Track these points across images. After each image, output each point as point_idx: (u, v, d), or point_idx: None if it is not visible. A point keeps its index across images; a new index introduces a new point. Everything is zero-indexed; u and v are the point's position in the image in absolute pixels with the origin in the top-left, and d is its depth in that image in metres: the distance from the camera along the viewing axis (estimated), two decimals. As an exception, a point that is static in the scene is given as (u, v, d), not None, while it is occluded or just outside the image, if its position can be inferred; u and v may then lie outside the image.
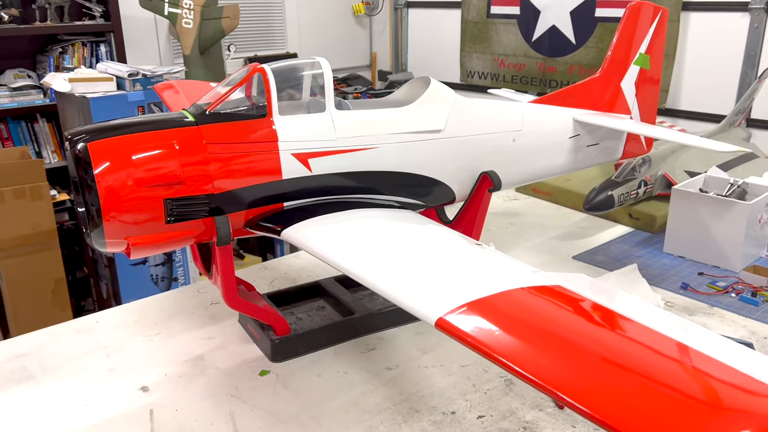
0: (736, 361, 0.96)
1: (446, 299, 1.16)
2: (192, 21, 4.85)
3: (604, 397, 0.89)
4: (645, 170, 2.70)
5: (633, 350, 1.02)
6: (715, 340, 1.06)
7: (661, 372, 0.95)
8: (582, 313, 1.15)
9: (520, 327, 1.09)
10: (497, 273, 1.35)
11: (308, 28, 6.30)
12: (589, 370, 0.95)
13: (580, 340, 1.05)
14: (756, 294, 2.11)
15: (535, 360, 0.97)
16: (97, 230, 1.51)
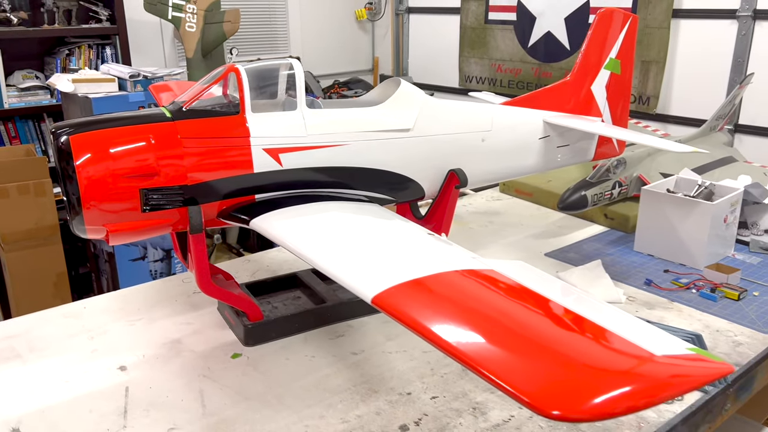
0: (635, 335, 1.05)
1: (384, 279, 1.26)
2: (195, 25, 5.00)
3: (506, 362, 0.98)
4: (620, 172, 2.79)
5: (538, 322, 1.12)
6: (622, 317, 1.15)
7: (559, 340, 1.05)
8: (501, 292, 1.25)
9: (445, 303, 1.19)
10: (437, 258, 1.44)
11: (311, 33, 6.44)
12: (496, 339, 1.05)
13: (494, 314, 1.15)
14: (715, 290, 2.19)
15: (451, 331, 1.07)
16: (77, 218, 1.62)
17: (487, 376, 0.94)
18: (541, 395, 0.89)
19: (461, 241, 2.69)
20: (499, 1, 5.51)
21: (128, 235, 1.70)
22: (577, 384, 0.92)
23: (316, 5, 6.42)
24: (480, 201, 3.25)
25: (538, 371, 0.96)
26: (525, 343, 1.04)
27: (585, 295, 1.25)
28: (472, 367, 0.97)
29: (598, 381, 0.92)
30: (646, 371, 0.96)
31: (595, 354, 1.01)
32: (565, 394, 0.90)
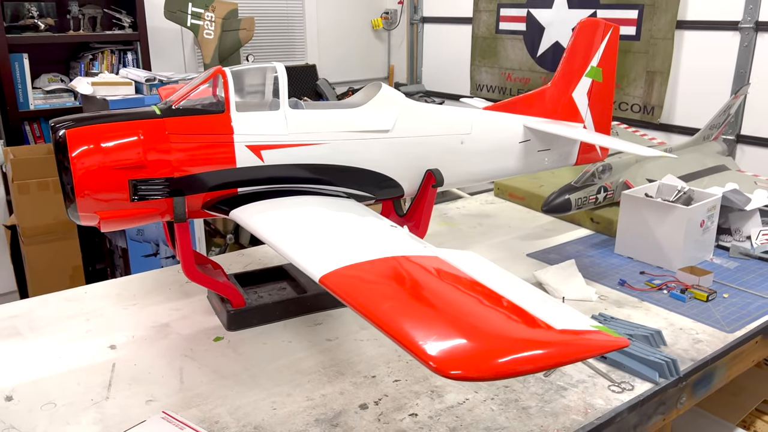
0: (544, 312, 1.16)
1: (334, 261, 1.38)
2: (213, 32, 5.19)
3: (417, 328, 1.10)
4: (606, 177, 2.87)
5: (456, 297, 1.23)
6: (541, 299, 1.26)
7: (470, 313, 1.16)
8: (433, 273, 1.36)
9: (380, 281, 1.31)
10: (388, 245, 1.55)
11: (328, 41, 6.60)
12: (413, 310, 1.16)
13: (417, 289, 1.26)
14: (685, 291, 2.26)
15: (376, 303, 1.19)
16: (72, 205, 1.77)
17: (398, 339, 1.05)
18: (443, 357, 1.00)
19: (448, 240, 2.83)
20: (510, 11, 5.60)
21: (118, 222, 1.84)
22: (479, 348, 1.03)
23: (333, 14, 6.58)
24: (474, 204, 3.35)
25: (443, 336, 1.07)
26: (438, 314, 1.15)
27: (513, 280, 1.35)
28: (386, 331, 1.09)
29: (499, 346, 1.03)
30: (543, 338, 1.06)
31: (500, 324, 1.12)
32: (466, 356, 1.00)
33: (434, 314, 1.15)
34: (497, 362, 0.98)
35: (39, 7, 4.87)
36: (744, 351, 2.08)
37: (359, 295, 1.22)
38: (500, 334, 1.07)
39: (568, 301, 2.24)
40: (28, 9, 4.81)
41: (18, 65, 4.72)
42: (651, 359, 1.79)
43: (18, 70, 4.72)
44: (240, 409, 1.64)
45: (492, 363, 0.98)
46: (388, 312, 1.15)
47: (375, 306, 1.18)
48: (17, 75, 4.73)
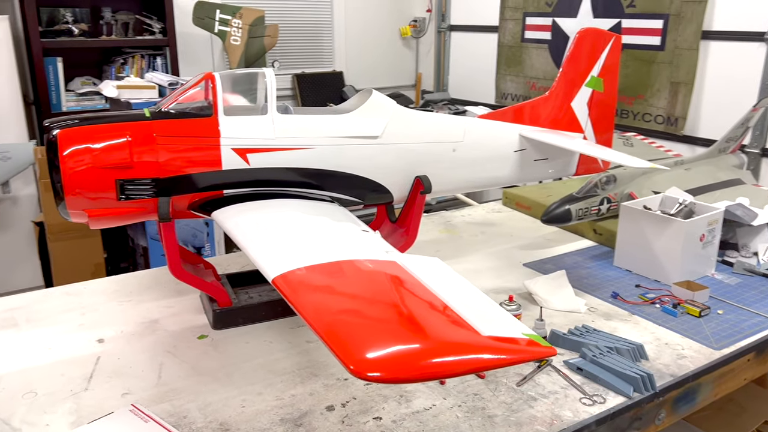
0: (479, 318, 1.17)
1: (290, 263, 1.41)
2: (239, 39, 5.31)
3: (342, 329, 1.12)
4: (610, 188, 2.83)
5: (392, 299, 1.25)
6: (484, 306, 1.26)
7: (404, 316, 1.17)
8: (383, 277, 1.37)
9: (328, 283, 1.33)
10: (350, 249, 1.57)
11: (356, 48, 6.67)
12: (346, 312, 1.18)
13: (360, 292, 1.28)
14: (677, 306, 2.21)
15: (315, 304, 1.21)
16: (62, 203, 1.85)
17: (325, 341, 1.07)
18: (361, 360, 1.02)
19: (446, 247, 2.83)
20: (535, 20, 5.57)
21: (106, 220, 1.91)
22: (400, 352, 1.04)
23: (362, 22, 6.65)
24: (479, 212, 3.34)
25: (367, 339, 1.08)
26: (366, 316, 1.16)
27: (465, 287, 1.36)
28: (316, 333, 1.11)
29: (420, 349, 1.04)
30: (466, 342, 1.07)
31: (426, 328, 1.13)
32: (384, 359, 1.02)
33: (365, 319, 1.17)
34: (416, 365, 0.99)
35: (74, 12, 5.07)
36: (734, 369, 2.02)
37: (301, 296, 1.25)
38: (423, 338, 1.09)
39: (555, 311, 2.22)
40: (63, 14, 5.00)
41: (52, 68, 4.91)
42: (626, 373, 1.77)
43: (52, 73, 4.91)
44: (210, 406, 1.68)
45: (410, 365, 0.99)
46: (320, 314, 1.17)
47: (311, 307, 1.20)
48: (51, 78, 4.92)
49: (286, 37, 6.22)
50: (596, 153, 2.39)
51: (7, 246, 4.75)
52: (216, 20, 5.26)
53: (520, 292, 2.36)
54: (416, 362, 1.01)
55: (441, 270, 1.47)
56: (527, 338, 1.12)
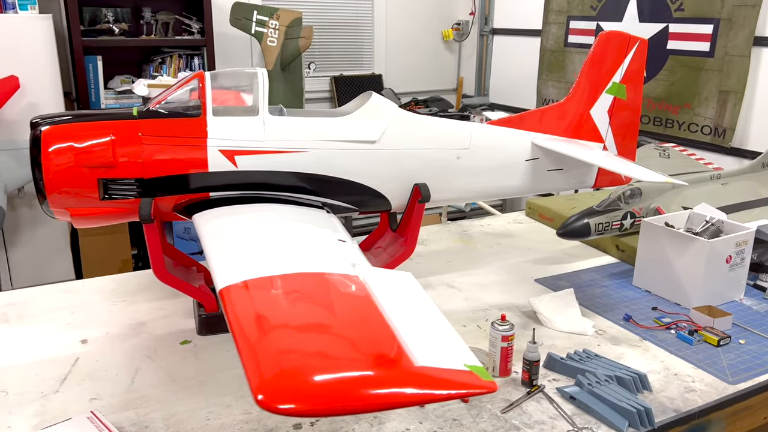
0: (423, 346, 1.06)
1: (243, 273, 1.33)
2: (276, 40, 5.30)
3: (262, 352, 1.03)
4: (635, 202, 2.65)
5: (331, 322, 1.15)
6: (438, 330, 1.15)
7: (332, 340, 1.07)
8: (331, 296, 1.27)
9: (269, 301, 1.24)
10: (315, 260, 1.48)
11: (396, 51, 6.58)
12: (276, 333, 1.09)
13: (299, 311, 1.19)
14: (694, 333, 2.04)
15: (249, 319, 1.13)
16: (44, 201, 1.82)
17: (244, 367, 0.99)
18: (268, 385, 0.93)
19: (457, 259, 2.71)
20: (579, 24, 5.36)
21: (89, 219, 1.88)
22: (317, 385, 0.95)
23: (403, 24, 6.56)
24: (500, 223, 3.20)
25: (284, 368, 0.99)
26: (293, 342, 1.07)
27: (423, 309, 1.25)
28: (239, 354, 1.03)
29: (339, 383, 0.94)
30: (392, 376, 0.97)
31: (353, 358, 1.03)
32: (293, 392, 0.93)
33: (291, 345, 1.08)
34: (330, 400, 0.90)
35: (115, 12, 5.15)
36: (752, 405, 1.84)
37: (238, 313, 1.17)
38: (345, 367, 0.99)
39: (560, 332, 2.08)
40: (105, 14, 5.09)
41: (92, 66, 5.00)
42: (622, 405, 1.62)
43: (92, 71, 5.00)
44: (175, 416, 1.62)
45: (325, 400, 0.90)
46: (246, 337, 1.09)
47: (241, 327, 1.12)
48: (91, 76, 5.01)
49: (324, 38, 6.19)
50: (609, 165, 2.22)
51: (44, 240, 4.85)
52: (253, 21, 5.25)
53: (524, 310, 2.23)
54: (331, 397, 0.91)
55: (407, 288, 1.37)
56: (468, 370, 1.01)
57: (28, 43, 4.56)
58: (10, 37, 4.48)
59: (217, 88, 1.97)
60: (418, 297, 1.32)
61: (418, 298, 1.31)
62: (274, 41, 5.32)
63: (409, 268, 2.55)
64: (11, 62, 4.46)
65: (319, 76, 6.24)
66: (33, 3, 4.63)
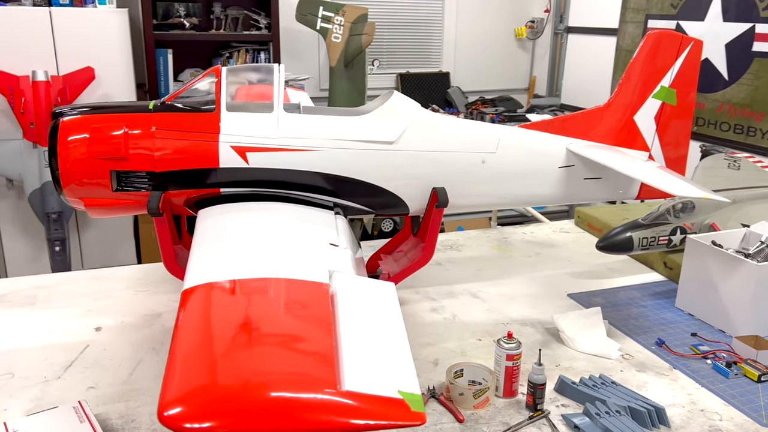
0: (364, 368, 0.98)
1: (214, 274, 1.30)
2: (341, 36, 5.29)
3: (193, 364, 0.98)
4: (685, 216, 2.45)
5: (270, 338, 1.09)
6: (389, 351, 1.06)
7: (262, 357, 1.01)
8: (282, 306, 1.21)
9: (222, 306, 1.20)
10: (290, 265, 1.42)
11: (466, 49, 6.44)
12: (210, 343, 1.04)
13: (243, 324, 1.13)
14: (732, 365, 1.84)
15: (192, 328, 1.09)
16: (60, 190, 1.86)
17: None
18: (179, 398, 0.88)
19: (489, 267, 2.59)
20: (658, 23, 5.05)
21: (102, 210, 1.91)
22: (230, 402, 0.89)
23: (474, 21, 6.41)
24: (545, 231, 3.05)
25: (204, 377, 0.94)
26: (221, 357, 1.03)
27: (386, 327, 1.16)
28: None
29: (250, 403, 0.88)
30: (305, 399, 0.90)
31: (275, 380, 0.97)
32: (207, 408, 0.87)
33: (217, 358, 1.04)
34: (237, 420, 0.84)
35: (186, 7, 5.30)
36: (790, 453, 1.64)
37: (187, 316, 1.13)
38: (262, 388, 0.93)
39: (582, 353, 1.94)
40: (177, 9, 5.25)
41: (162, 60, 5.16)
42: (629, 442, 1.48)
43: (162, 64, 5.17)
44: (162, 412, 1.61)
45: (231, 420, 0.84)
46: (182, 342, 1.05)
47: (181, 334, 1.08)
48: (161, 68, 5.18)
49: (391, 35, 6.14)
50: (645, 178, 2.03)
51: (112, 225, 5.06)
52: (318, 17, 5.27)
53: (549, 326, 2.09)
54: (235, 417, 0.85)
55: (382, 301, 1.29)
56: (401, 398, 0.92)
57: (105, 36, 4.76)
58: (88, 30, 4.69)
59: (236, 83, 1.95)
60: (387, 313, 1.24)
61: (387, 315, 1.23)
62: (339, 37, 5.31)
63: (435, 273, 2.49)
64: (89, 54, 4.67)
65: (385, 73, 6.20)
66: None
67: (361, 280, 1.37)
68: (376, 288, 1.34)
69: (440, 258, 2.67)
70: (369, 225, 5.50)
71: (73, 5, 4.73)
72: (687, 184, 1.95)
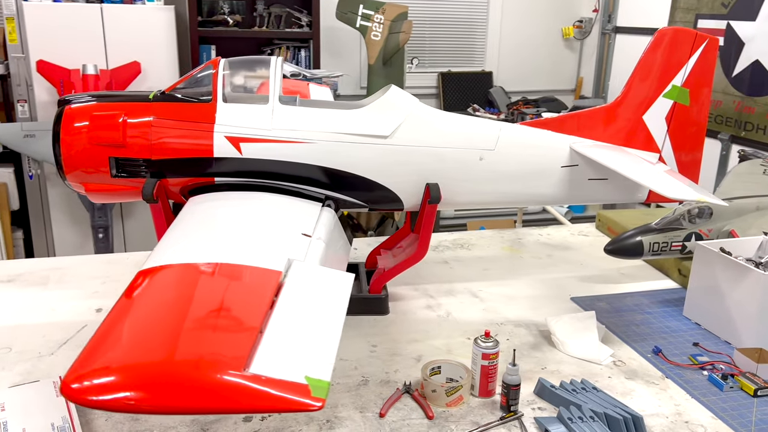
0: (280, 353, 0.99)
1: (171, 257, 1.34)
2: (380, 34, 5.31)
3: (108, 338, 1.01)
4: (702, 222, 2.34)
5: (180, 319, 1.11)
6: (309, 339, 1.07)
7: (180, 339, 1.03)
8: (224, 291, 1.23)
9: (164, 289, 1.23)
10: (250, 252, 1.43)
11: (510, 48, 6.35)
12: (132, 322, 1.07)
13: (177, 305, 1.15)
14: (728, 377, 1.76)
15: (119, 311, 1.12)
16: (63, 174, 1.94)
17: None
18: (86, 373, 0.90)
19: (495, 267, 2.56)
20: (708, 23, 4.85)
21: (103, 195, 1.99)
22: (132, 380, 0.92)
23: (520, 21, 6.31)
24: (562, 233, 2.98)
25: (115, 353, 0.96)
26: (142, 330, 1.05)
27: (321, 316, 1.17)
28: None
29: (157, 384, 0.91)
30: (203, 377, 0.91)
31: (185, 359, 0.98)
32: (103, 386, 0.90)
33: (135, 336, 1.06)
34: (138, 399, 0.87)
35: (231, 4, 5.42)
36: (780, 473, 1.56)
37: (127, 295, 1.17)
38: (163, 365, 0.95)
39: (572, 357, 1.88)
40: (221, 6, 5.38)
41: (206, 55, 5.30)
42: (597, 450, 1.43)
43: (205, 59, 5.29)
44: (140, 392, 1.66)
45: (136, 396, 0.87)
46: (112, 322, 1.09)
47: (116, 311, 1.12)
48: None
49: (433, 34, 6.11)
50: (648, 182, 1.95)
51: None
52: (358, 15, 5.30)
53: (543, 329, 2.05)
54: (138, 394, 0.88)
55: (329, 290, 1.29)
56: (303, 384, 0.92)
57: (152, 32, 4.92)
58: (136, 26, 4.86)
59: (234, 75, 1.99)
60: (332, 303, 1.24)
61: (331, 304, 1.23)
62: (378, 35, 5.33)
63: (439, 272, 2.47)
64: (136, 49, 4.84)
65: (426, 72, 6.17)
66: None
67: (318, 270, 1.38)
68: (331, 278, 1.35)
69: (448, 256, 2.64)
70: (401, 222, 5.48)
71: (123, 2, 4.91)
72: (685, 188, 1.87)
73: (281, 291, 1.23)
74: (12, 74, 4.83)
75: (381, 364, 1.83)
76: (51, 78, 4.65)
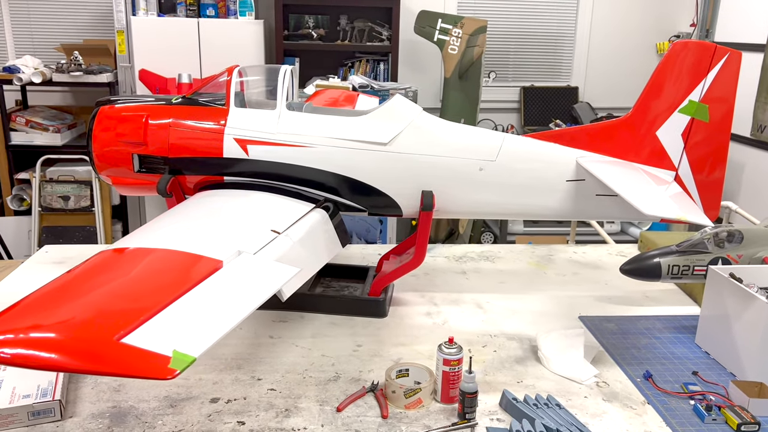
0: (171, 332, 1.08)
1: (138, 241, 1.49)
2: (457, 48, 5.36)
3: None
4: (731, 247, 2.20)
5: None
6: (213, 323, 1.15)
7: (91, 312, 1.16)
8: (160, 275, 1.33)
9: (113, 268, 1.36)
10: (210, 243, 1.53)
11: (598, 63, 6.17)
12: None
13: (107, 284, 1.28)
14: (712, 409, 1.65)
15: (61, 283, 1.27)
16: (94, 168, 2.17)
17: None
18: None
19: (512, 281, 2.57)
20: (808, 38, 4.49)
21: (128, 188, 2.19)
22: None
23: (611, 35, 6.11)
24: (599, 252, 2.88)
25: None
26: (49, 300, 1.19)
27: (239, 303, 1.25)
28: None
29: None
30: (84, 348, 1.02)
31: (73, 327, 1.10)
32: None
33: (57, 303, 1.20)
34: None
35: (316, 19, 5.68)
36: None
37: (79, 269, 1.33)
38: (43, 329, 1.07)
39: (554, 374, 1.84)
40: (307, 21, 5.64)
41: (290, 67, 5.58)
42: (534, 463, 1.41)
43: (289, 71, 5.58)
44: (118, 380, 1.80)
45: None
46: (48, 291, 1.24)
47: (57, 282, 1.27)
48: (288, 75, 5.59)
49: (515, 48, 6.06)
50: (640, 203, 1.84)
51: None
52: (437, 29, 5.36)
53: (534, 344, 2.01)
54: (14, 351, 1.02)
55: (260, 281, 1.38)
56: (165, 356, 1.01)
57: (242, 44, 5.27)
58: (228, 38, 5.22)
59: (248, 82, 2.14)
60: (254, 292, 1.32)
61: (251, 293, 1.32)
62: (455, 49, 5.37)
63: (452, 281, 2.49)
64: (227, 59, 5.16)
65: (509, 86, 6.13)
66: (251, 10, 5.31)
67: (261, 263, 1.47)
68: (270, 272, 1.43)
69: (468, 267, 2.64)
70: (466, 235, 5.46)
71: (218, 16, 5.28)
72: (663, 204, 1.80)
73: (210, 277, 1.33)
74: (119, 81, 5.33)
75: (359, 363, 1.88)
76: (150, 85, 5.08)
